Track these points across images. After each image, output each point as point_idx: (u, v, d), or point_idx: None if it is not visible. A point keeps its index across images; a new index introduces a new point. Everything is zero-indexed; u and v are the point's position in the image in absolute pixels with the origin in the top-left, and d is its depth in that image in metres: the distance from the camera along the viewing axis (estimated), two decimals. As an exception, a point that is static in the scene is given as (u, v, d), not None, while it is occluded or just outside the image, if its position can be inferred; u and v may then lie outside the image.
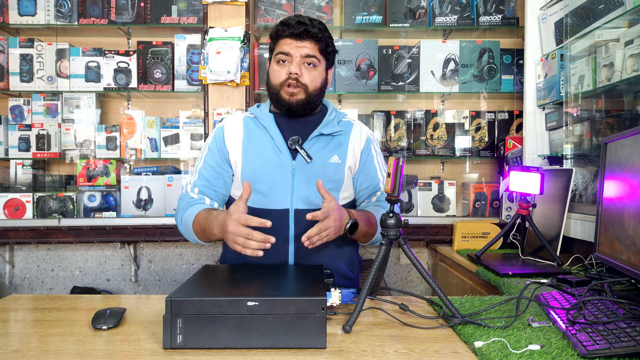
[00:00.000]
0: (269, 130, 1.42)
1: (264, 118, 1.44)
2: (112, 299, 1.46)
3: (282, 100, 1.39)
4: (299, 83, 1.37)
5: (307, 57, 1.37)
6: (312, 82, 1.38)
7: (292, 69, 1.36)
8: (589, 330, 0.91)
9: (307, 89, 1.38)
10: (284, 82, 1.37)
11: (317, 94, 1.41)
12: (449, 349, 0.92)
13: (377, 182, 1.48)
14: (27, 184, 2.55)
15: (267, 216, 1.36)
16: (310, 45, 1.36)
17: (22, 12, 2.52)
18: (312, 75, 1.38)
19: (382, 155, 1.54)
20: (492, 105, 2.69)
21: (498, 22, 2.54)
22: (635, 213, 1.11)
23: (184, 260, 2.74)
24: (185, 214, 1.37)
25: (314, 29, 1.35)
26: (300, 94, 1.38)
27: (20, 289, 2.70)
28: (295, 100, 1.38)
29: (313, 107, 1.44)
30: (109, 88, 2.58)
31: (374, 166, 1.49)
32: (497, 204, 2.50)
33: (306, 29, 1.34)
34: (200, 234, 1.34)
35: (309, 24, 1.35)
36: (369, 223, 1.36)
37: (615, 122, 1.79)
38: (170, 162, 2.65)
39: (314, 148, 1.41)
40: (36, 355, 0.89)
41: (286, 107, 1.40)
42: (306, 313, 0.91)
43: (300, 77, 1.36)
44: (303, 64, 1.37)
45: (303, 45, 1.36)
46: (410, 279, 2.78)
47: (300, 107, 1.40)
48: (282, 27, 1.37)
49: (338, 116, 1.49)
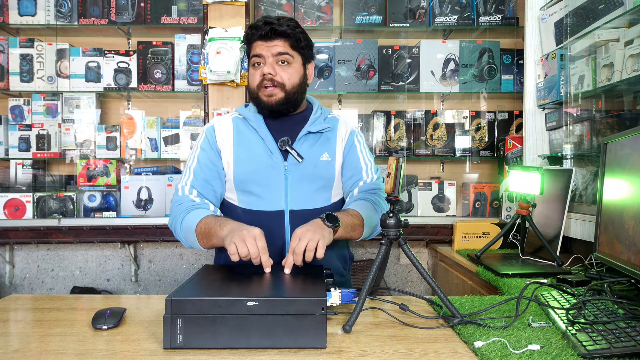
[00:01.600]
0: (258, 132, 1.41)
1: (253, 119, 1.43)
2: (112, 299, 1.46)
3: (262, 102, 1.39)
4: (275, 82, 1.36)
5: (279, 55, 1.36)
6: (289, 79, 1.38)
7: (264, 70, 1.35)
8: (589, 330, 0.91)
9: (285, 87, 1.37)
10: (260, 84, 1.37)
11: (296, 90, 1.40)
12: (449, 349, 0.92)
13: (360, 171, 1.46)
14: (27, 184, 2.55)
15: (262, 218, 1.37)
16: (281, 43, 1.36)
17: (22, 12, 2.52)
18: (287, 73, 1.37)
19: (366, 146, 1.52)
20: (492, 105, 2.69)
21: (498, 22, 2.54)
22: (635, 213, 1.11)
23: (184, 260, 2.74)
24: (188, 216, 1.32)
25: (282, 27, 1.35)
26: (278, 93, 1.37)
27: (20, 289, 2.70)
28: (274, 100, 1.37)
29: (295, 105, 1.43)
30: (109, 88, 2.58)
31: (356, 156, 1.47)
32: (497, 204, 2.50)
33: (273, 28, 1.34)
34: (202, 235, 1.29)
35: (276, 23, 1.35)
36: (349, 214, 1.32)
37: (615, 122, 1.79)
38: (170, 162, 2.65)
39: (304, 147, 1.41)
40: (36, 355, 0.89)
41: (267, 108, 1.39)
42: (306, 313, 0.91)
43: (275, 77, 1.36)
44: (276, 63, 1.37)
45: (273, 44, 1.36)
46: (410, 279, 2.78)
47: (281, 107, 1.39)
48: (251, 30, 1.37)
49: (324, 113, 1.49)
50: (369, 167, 1.47)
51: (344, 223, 1.28)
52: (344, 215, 1.30)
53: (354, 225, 1.32)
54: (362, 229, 1.35)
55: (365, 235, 1.40)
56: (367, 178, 1.45)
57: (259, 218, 1.37)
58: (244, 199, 1.40)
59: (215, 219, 1.29)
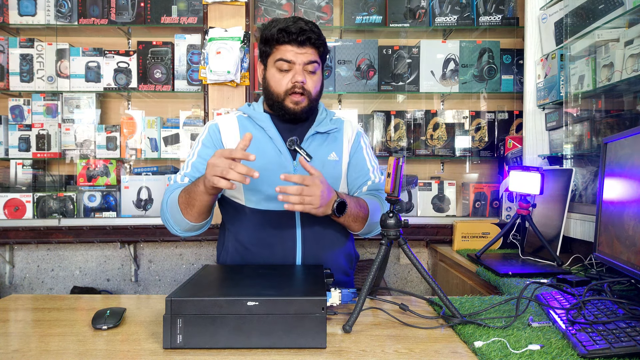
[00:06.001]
0: (266, 131, 1.40)
1: (260, 118, 1.42)
2: (112, 299, 1.46)
3: (287, 109, 1.38)
4: (305, 91, 1.36)
5: (309, 64, 1.36)
6: (315, 88, 1.38)
7: (297, 78, 1.34)
8: (589, 330, 0.91)
9: (310, 95, 1.38)
10: (289, 91, 1.36)
11: (318, 98, 1.42)
12: (449, 349, 0.92)
13: (367, 172, 1.48)
14: (27, 184, 2.55)
15: (274, 218, 1.37)
16: (311, 51, 1.35)
17: (22, 12, 2.52)
18: (314, 82, 1.38)
19: (371, 147, 1.55)
20: (492, 105, 2.69)
21: (498, 22, 2.54)
22: (635, 213, 1.11)
23: (184, 260, 2.74)
24: (172, 195, 1.31)
25: (314, 35, 1.34)
26: (304, 101, 1.37)
27: (20, 289, 2.70)
28: (300, 108, 1.37)
29: (314, 112, 1.45)
30: (109, 88, 2.58)
31: (363, 157, 1.49)
32: (497, 204, 2.50)
33: (308, 37, 1.32)
34: (185, 204, 1.26)
35: (308, 30, 1.33)
36: (359, 205, 1.34)
37: (615, 122, 1.79)
38: (170, 162, 2.65)
39: (312, 146, 1.41)
40: (36, 355, 0.89)
41: (291, 115, 1.38)
42: (306, 313, 0.91)
43: (305, 85, 1.35)
44: (305, 70, 1.36)
45: (304, 51, 1.34)
46: (410, 279, 2.78)
47: (304, 114, 1.40)
48: (282, 33, 1.33)
49: (329, 114, 1.50)
50: (375, 169, 1.50)
51: (349, 213, 1.30)
52: (353, 204, 1.32)
53: (357, 216, 1.34)
54: (363, 224, 1.37)
55: (362, 232, 1.41)
56: (375, 179, 1.48)
57: (269, 217, 1.37)
58: (252, 199, 1.39)
59: (191, 183, 1.27)
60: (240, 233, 1.41)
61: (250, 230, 1.39)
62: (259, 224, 1.38)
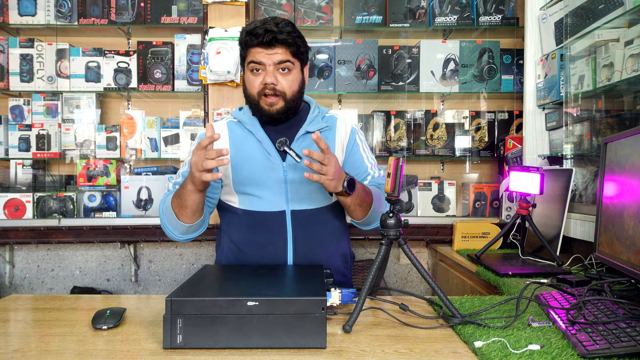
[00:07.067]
0: (255, 134, 1.40)
1: (248, 122, 1.42)
2: (112, 299, 1.46)
3: (262, 110, 1.37)
4: (277, 91, 1.34)
5: (281, 64, 1.34)
6: (290, 87, 1.36)
7: (267, 79, 1.33)
8: (589, 330, 0.91)
9: (285, 95, 1.36)
10: (261, 92, 1.35)
11: (295, 97, 1.39)
12: (449, 349, 0.92)
13: (365, 168, 1.47)
14: (27, 184, 2.55)
15: (264, 219, 1.38)
16: (282, 51, 1.33)
17: (22, 12, 2.52)
18: (288, 81, 1.36)
19: (367, 144, 1.54)
20: (492, 105, 2.69)
21: (498, 22, 2.54)
22: (635, 213, 1.11)
23: (184, 260, 2.74)
24: (165, 203, 1.35)
25: (282, 35, 1.31)
26: (279, 102, 1.36)
27: (20, 289, 2.70)
28: (275, 109, 1.36)
29: (294, 111, 1.42)
30: (109, 88, 2.58)
31: (360, 155, 1.48)
32: (497, 204, 2.50)
33: (275, 37, 1.30)
34: (178, 207, 1.29)
35: (277, 31, 1.31)
36: (365, 190, 1.34)
37: (615, 122, 1.79)
38: (170, 162, 2.65)
39: (302, 146, 1.40)
40: (36, 355, 0.89)
41: (267, 117, 1.38)
42: (306, 313, 0.91)
43: (276, 86, 1.34)
44: (277, 70, 1.34)
45: (274, 52, 1.33)
46: (410, 279, 2.78)
47: (281, 115, 1.38)
48: (250, 37, 1.33)
49: (321, 112, 1.48)
50: (373, 165, 1.49)
51: (358, 193, 1.29)
52: (361, 186, 1.32)
53: (364, 200, 1.33)
54: (367, 211, 1.36)
55: (364, 221, 1.40)
56: (374, 173, 1.48)
57: (260, 218, 1.38)
58: (244, 201, 1.41)
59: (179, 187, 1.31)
60: (234, 234, 1.42)
61: (243, 231, 1.40)
62: (250, 225, 1.39)
